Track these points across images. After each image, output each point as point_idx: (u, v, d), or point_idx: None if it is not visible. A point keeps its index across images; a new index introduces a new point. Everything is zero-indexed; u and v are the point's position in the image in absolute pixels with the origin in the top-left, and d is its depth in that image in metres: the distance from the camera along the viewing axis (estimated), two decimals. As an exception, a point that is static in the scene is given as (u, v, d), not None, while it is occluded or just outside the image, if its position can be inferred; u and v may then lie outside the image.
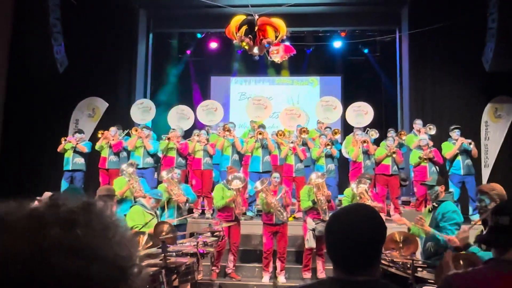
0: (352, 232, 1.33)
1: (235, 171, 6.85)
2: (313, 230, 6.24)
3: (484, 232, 1.79)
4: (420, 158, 7.69)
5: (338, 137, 8.54)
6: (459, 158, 7.72)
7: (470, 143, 7.66)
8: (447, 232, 4.11)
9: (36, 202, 0.62)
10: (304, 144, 8.22)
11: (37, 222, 0.57)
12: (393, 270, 3.76)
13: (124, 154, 8.51)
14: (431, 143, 7.90)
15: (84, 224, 0.58)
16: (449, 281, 1.65)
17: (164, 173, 6.63)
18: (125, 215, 5.74)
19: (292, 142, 7.98)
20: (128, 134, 8.59)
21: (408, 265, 3.71)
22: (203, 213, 8.13)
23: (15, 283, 0.52)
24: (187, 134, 8.88)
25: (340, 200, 8.50)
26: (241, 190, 6.62)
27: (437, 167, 7.77)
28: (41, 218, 0.57)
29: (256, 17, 5.94)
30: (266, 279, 6.41)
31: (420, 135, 8.02)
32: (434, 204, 4.44)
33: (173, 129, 8.45)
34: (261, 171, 7.79)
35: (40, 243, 0.55)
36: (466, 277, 1.63)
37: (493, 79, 8.44)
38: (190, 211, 7.86)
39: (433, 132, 8.15)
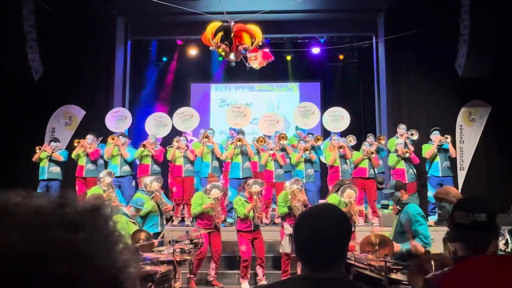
0: (316, 230, 1.35)
1: (215, 179, 6.81)
2: (290, 235, 6.25)
3: (455, 230, 1.81)
4: (397, 156, 7.86)
5: (320, 143, 8.57)
6: (438, 159, 7.89)
7: (446, 138, 7.83)
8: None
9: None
10: (283, 149, 8.26)
11: (42, 222, 0.55)
12: (367, 272, 3.79)
13: (101, 161, 8.39)
14: (412, 148, 8.04)
15: (88, 230, 0.57)
16: (430, 283, 1.68)
17: (155, 184, 6.34)
18: None
19: (271, 149, 8.00)
20: (103, 141, 8.47)
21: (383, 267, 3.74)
22: (182, 220, 8.07)
23: (7, 281, 0.51)
24: (167, 141, 8.81)
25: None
26: (220, 198, 6.60)
27: (414, 169, 7.90)
28: (47, 218, 0.56)
29: (232, 23, 5.98)
30: (246, 285, 6.37)
31: (400, 139, 8.16)
32: (398, 207, 4.52)
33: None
34: (241, 177, 7.77)
35: (42, 244, 0.54)
36: (451, 276, 1.66)
37: (466, 84, 8.64)
38: (169, 218, 7.81)
39: (415, 137, 8.23)
